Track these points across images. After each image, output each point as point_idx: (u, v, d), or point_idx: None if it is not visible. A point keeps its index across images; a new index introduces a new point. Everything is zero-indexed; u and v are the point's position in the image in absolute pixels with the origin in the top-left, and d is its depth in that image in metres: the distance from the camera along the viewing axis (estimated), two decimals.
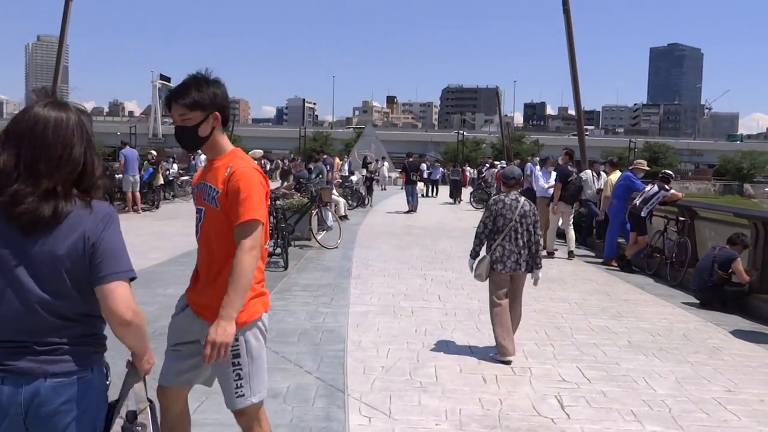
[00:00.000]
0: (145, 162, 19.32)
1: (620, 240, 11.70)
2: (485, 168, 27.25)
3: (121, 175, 17.59)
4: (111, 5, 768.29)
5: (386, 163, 39.17)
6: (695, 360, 5.82)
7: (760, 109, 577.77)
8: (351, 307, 7.32)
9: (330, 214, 13.12)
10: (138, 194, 17.63)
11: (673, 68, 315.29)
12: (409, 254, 11.60)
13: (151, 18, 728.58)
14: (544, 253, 12.59)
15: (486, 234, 5.74)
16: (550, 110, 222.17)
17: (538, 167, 18.06)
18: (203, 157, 17.35)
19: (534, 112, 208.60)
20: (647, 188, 10.77)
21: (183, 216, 17.28)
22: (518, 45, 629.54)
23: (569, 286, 9.18)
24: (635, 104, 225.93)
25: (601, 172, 13.93)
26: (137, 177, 17.74)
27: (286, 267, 9.59)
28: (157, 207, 18.91)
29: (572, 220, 12.30)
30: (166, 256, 10.46)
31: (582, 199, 13.66)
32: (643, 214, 10.57)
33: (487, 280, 5.78)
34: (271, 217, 10.32)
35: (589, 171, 14.01)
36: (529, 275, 5.82)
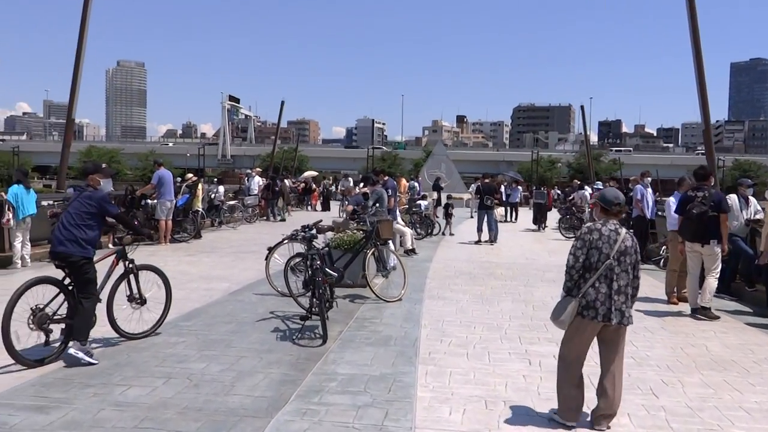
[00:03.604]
0: (184, 186, 16.86)
1: None
2: (574, 189, 23.80)
3: (155, 201, 15.24)
4: (190, 31, 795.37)
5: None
6: None
7: None
8: None
9: (392, 254, 10.10)
10: (170, 222, 15.16)
11: (756, 83, 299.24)
12: (498, 311, 8.51)
13: (226, 41, 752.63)
14: (687, 310, 9.57)
15: (577, 269, 4.49)
16: (626, 128, 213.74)
17: (649, 189, 14.77)
18: (257, 179, 14.11)
19: (609, 129, 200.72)
20: None
21: (220, 249, 14.67)
22: (590, 63, 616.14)
23: (760, 382, 5.83)
24: (717, 121, 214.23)
25: (750, 197, 10.51)
26: (173, 202, 15.33)
27: (324, 340, 6.66)
28: (197, 237, 16.38)
29: (719, 265, 8.92)
30: (156, 322, 6.89)
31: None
32: None
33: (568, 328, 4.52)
34: (306, 261, 7.45)
35: (734, 195, 10.54)
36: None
